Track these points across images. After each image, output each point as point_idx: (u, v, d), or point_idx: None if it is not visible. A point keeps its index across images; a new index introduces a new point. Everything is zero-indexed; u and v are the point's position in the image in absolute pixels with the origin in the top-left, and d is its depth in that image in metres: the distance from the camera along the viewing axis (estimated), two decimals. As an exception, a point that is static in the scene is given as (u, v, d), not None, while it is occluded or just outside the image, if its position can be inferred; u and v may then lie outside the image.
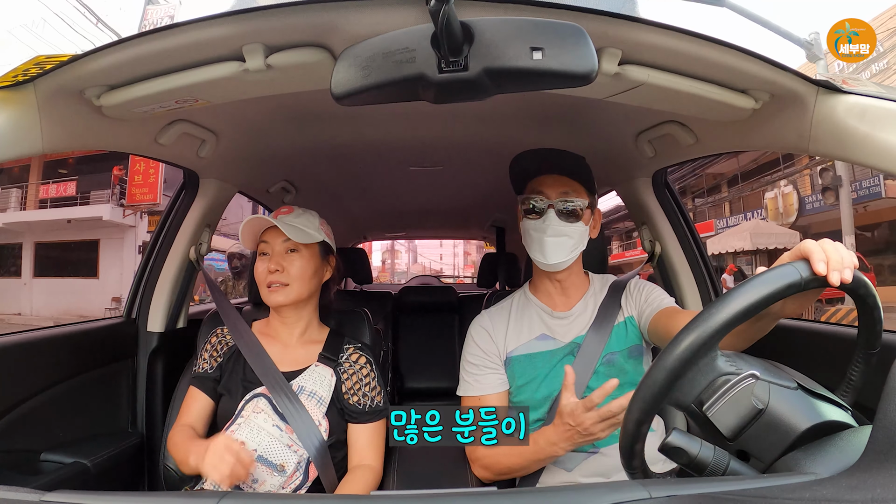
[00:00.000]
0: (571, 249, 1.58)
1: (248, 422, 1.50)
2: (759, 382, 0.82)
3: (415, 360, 3.51)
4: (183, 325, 2.21)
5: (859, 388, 0.95)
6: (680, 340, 0.81)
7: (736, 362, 0.85)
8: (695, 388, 0.83)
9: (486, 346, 1.65)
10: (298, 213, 1.65)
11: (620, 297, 1.66)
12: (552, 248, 1.56)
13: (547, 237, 1.55)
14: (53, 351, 1.76)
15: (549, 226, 1.55)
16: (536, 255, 1.58)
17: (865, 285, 0.85)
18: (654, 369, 0.82)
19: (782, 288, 0.80)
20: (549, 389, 1.57)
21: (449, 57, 0.88)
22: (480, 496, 0.76)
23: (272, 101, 1.44)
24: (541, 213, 1.57)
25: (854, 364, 0.95)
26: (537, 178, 1.61)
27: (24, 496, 0.70)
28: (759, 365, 0.86)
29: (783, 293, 0.81)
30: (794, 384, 0.84)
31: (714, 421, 0.82)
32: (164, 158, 1.78)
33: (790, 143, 1.32)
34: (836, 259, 0.82)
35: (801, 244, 0.87)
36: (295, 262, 1.60)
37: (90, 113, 1.31)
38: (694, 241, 2.13)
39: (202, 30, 1.10)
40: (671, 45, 1.14)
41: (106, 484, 1.72)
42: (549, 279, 1.67)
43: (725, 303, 0.80)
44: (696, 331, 0.80)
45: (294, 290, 1.59)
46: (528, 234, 1.59)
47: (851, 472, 0.67)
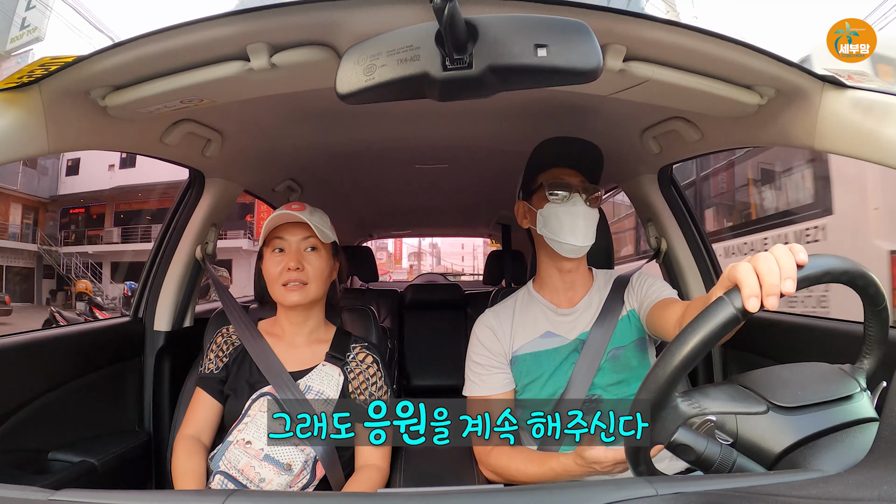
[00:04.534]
0: (594, 234, 1.58)
1: (255, 421, 1.51)
2: (726, 417, 0.83)
3: (421, 358, 3.51)
4: (189, 324, 2.21)
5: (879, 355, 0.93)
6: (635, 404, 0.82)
7: (699, 402, 0.85)
8: (667, 433, 0.83)
9: (492, 346, 1.65)
10: (312, 210, 1.63)
11: (624, 291, 1.65)
12: (585, 229, 1.55)
13: (581, 219, 1.54)
14: (61, 351, 1.77)
15: (580, 207, 1.55)
16: (567, 237, 1.55)
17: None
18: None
19: (719, 329, 0.77)
20: (555, 387, 1.57)
21: (453, 54, 0.87)
22: (487, 494, 0.76)
23: (277, 100, 1.43)
24: (568, 196, 1.56)
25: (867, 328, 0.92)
26: (554, 168, 1.61)
27: (32, 495, 0.70)
28: (725, 395, 0.86)
29: (722, 333, 0.78)
30: (765, 407, 0.83)
31: (699, 460, 0.82)
32: (170, 158, 1.78)
33: (796, 138, 1.31)
34: (769, 283, 0.77)
35: (730, 270, 0.83)
36: (314, 261, 1.58)
37: (95, 113, 1.32)
38: (700, 238, 2.13)
39: (206, 29, 1.11)
40: (676, 41, 1.13)
41: (113, 483, 1.72)
42: (559, 272, 1.66)
43: (666, 360, 0.79)
44: (644, 391, 0.81)
45: (312, 289, 1.57)
46: (557, 218, 1.56)
47: (859, 469, 0.67)
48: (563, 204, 1.56)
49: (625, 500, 0.66)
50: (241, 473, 1.45)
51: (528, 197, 1.66)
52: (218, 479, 1.46)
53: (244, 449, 1.47)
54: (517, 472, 1.49)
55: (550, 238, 1.58)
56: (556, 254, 1.60)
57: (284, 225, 1.59)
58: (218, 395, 1.60)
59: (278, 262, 1.57)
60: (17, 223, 22.52)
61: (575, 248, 1.56)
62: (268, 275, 1.59)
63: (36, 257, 23.41)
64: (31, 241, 23.32)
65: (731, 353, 2.02)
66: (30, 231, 23.46)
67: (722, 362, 2.05)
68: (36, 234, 23.53)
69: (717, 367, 2.05)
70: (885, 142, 1.08)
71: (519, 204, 1.70)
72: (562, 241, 1.56)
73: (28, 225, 23.46)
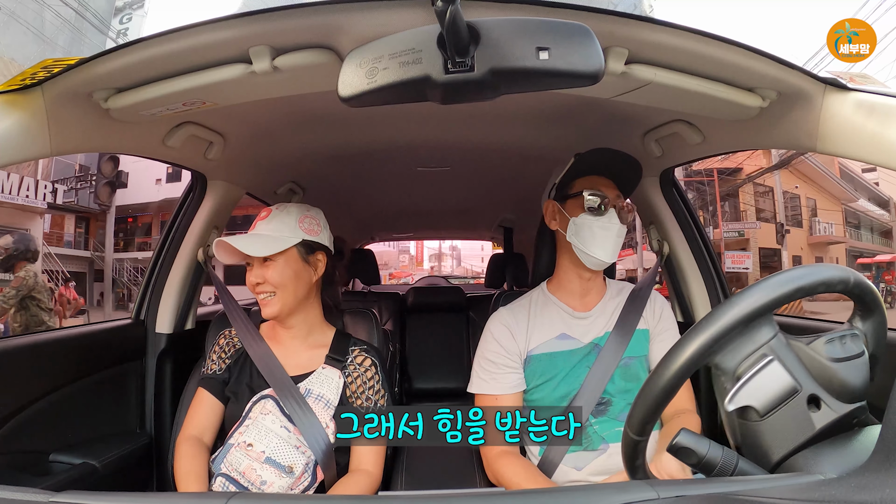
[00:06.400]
0: (620, 249, 1.61)
1: (256, 423, 1.51)
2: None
3: (423, 361, 3.51)
4: (191, 326, 2.21)
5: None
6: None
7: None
8: (737, 356, 0.82)
9: (508, 344, 1.64)
10: (274, 215, 1.60)
11: (644, 305, 1.67)
12: (614, 246, 1.57)
13: (614, 235, 1.56)
14: (62, 353, 1.77)
15: (615, 224, 1.56)
16: (597, 251, 1.56)
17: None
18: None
19: None
20: (567, 389, 1.57)
21: (455, 57, 0.87)
22: (489, 497, 0.76)
23: (279, 103, 1.44)
24: (604, 210, 1.57)
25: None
26: (593, 176, 1.62)
27: (33, 497, 0.71)
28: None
29: None
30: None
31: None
32: (172, 161, 1.78)
33: (798, 141, 1.31)
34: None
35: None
36: (270, 271, 1.55)
37: (98, 116, 1.32)
38: (702, 241, 2.12)
39: (209, 32, 1.11)
40: (677, 44, 1.14)
41: (114, 485, 1.72)
42: (580, 278, 1.66)
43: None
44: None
45: (281, 297, 1.56)
46: (590, 231, 1.57)
47: (860, 473, 0.66)
48: (599, 218, 1.57)
49: (626, 503, 0.66)
50: (242, 476, 1.45)
51: (561, 200, 1.66)
52: (219, 482, 1.46)
53: (245, 451, 1.47)
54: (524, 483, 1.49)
55: (579, 248, 1.59)
56: (579, 261, 1.61)
57: None
58: (220, 395, 1.60)
59: (249, 278, 1.58)
60: (71, 232, 23.22)
61: (601, 263, 1.58)
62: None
63: (88, 263, 24.04)
64: (83, 248, 24.18)
65: None
66: (82, 239, 24.27)
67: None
68: (88, 242, 24.34)
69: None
70: (887, 144, 1.07)
71: (549, 203, 1.70)
72: (591, 254, 1.57)
73: (80, 234, 24.23)
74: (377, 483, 1.57)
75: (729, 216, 25.16)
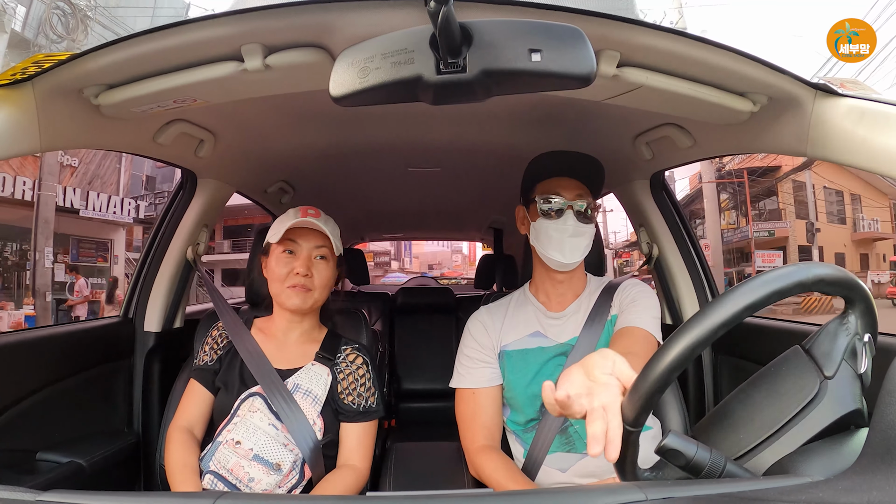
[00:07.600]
0: (585, 249, 1.60)
1: (245, 421, 1.50)
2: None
3: (412, 362, 3.50)
4: (180, 325, 2.20)
5: None
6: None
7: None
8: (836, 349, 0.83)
9: (482, 339, 1.67)
10: (326, 219, 1.63)
11: (613, 295, 1.67)
12: (571, 248, 1.57)
13: (568, 237, 1.57)
14: (50, 350, 1.76)
15: (569, 226, 1.56)
16: (554, 254, 1.58)
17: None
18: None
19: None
20: (539, 387, 1.57)
21: (447, 58, 0.87)
22: (477, 497, 0.76)
23: (270, 102, 1.44)
24: (560, 213, 1.58)
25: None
26: (552, 179, 1.62)
27: (20, 496, 0.70)
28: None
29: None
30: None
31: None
32: (163, 158, 1.77)
33: (788, 146, 1.32)
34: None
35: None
36: (322, 270, 1.60)
37: (88, 112, 1.31)
38: (692, 244, 2.14)
39: (201, 29, 1.11)
40: (669, 48, 1.14)
41: (101, 484, 1.71)
42: (551, 280, 1.68)
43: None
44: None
45: (315, 297, 1.59)
46: (546, 235, 1.58)
47: (848, 475, 0.67)
48: (554, 221, 1.58)
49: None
50: (230, 473, 1.45)
51: (526, 204, 1.68)
52: (208, 479, 1.46)
53: (234, 449, 1.47)
54: (497, 486, 1.50)
55: (539, 251, 1.62)
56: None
57: (299, 229, 1.59)
58: (210, 386, 1.61)
59: (286, 264, 1.58)
60: (140, 238, 23.87)
61: (561, 264, 1.60)
62: (273, 273, 1.60)
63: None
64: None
65: (722, 358, 2.03)
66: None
67: (712, 367, 2.05)
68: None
69: (708, 372, 2.05)
70: (877, 149, 1.08)
71: (519, 208, 1.72)
72: (550, 256, 1.60)
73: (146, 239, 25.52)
74: (364, 478, 1.58)
75: (766, 216, 25.28)
